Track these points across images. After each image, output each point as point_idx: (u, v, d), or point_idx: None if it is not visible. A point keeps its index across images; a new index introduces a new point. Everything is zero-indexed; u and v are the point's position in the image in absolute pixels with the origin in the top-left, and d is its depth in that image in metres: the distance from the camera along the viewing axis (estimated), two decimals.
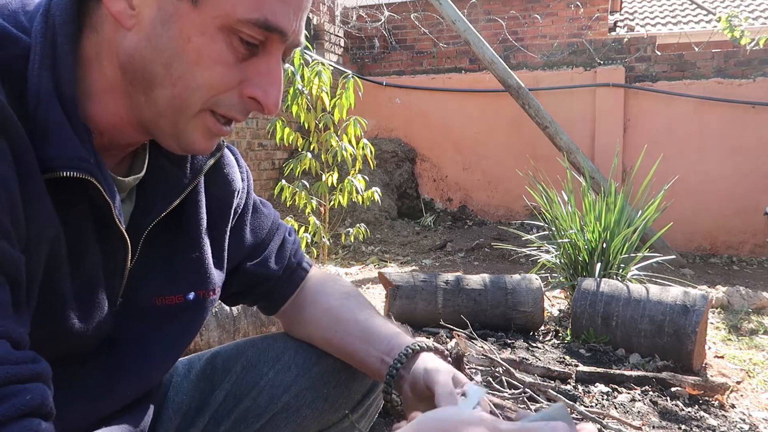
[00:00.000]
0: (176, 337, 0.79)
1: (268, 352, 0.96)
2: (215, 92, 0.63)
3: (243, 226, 0.90)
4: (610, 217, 3.22)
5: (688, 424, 1.97)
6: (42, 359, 0.52)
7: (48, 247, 0.59)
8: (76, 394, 0.68)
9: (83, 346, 0.67)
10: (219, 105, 0.64)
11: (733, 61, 6.11)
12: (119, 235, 0.68)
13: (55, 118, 0.59)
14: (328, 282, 1.00)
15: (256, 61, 0.63)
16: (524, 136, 6.47)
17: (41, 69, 0.59)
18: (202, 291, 0.80)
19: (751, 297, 3.73)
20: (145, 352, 0.75)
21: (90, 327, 0.66)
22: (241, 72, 0.63)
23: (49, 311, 0.60)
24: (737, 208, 6.06)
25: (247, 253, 0.90)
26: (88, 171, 0.60)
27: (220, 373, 0.95)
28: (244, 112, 0.66)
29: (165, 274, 0.76)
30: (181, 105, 0.63)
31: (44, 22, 0.62)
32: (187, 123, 0.64)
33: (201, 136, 0.66)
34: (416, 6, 7.15)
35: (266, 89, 0.64)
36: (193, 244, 0.79)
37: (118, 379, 0.73)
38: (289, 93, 3.71)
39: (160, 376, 0.83)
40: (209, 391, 0.93)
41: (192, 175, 0.76)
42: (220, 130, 0.66)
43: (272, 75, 0.64)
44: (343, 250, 5.65)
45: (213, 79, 0.62)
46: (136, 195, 0.73)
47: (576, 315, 2.74)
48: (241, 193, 0.88)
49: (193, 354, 1.01)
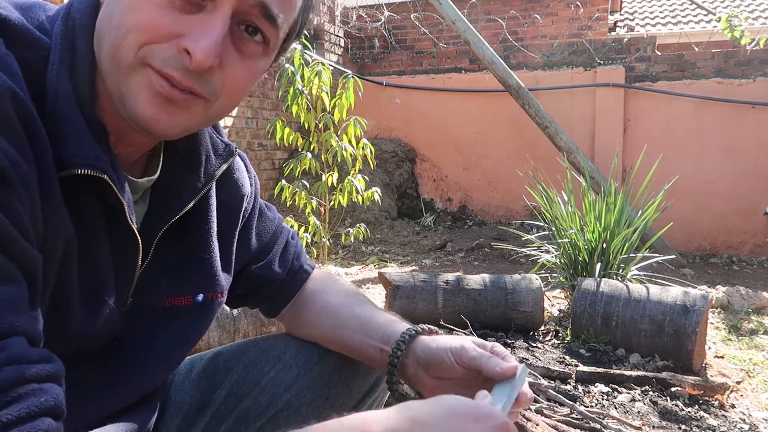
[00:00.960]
0: (183, 337, 0.80)
1: (269, 352, 0.96)
2: (145, 36, 0.59)
3: (249, 230, 0.91)
4: (610, 217, 3.22)
5: (688, 424, 1.97)
6: (56, 358, 0.52)
7: (62, 246, 0.59)
8: (84, 392, 0.69)
9: (91, 345, 0.68)
10: (153, 57, 0.59)
11: (733, 61, 6.10)
12: (131, 235, 0.68)
13: (72, 118, 0.59)
14: (328, 282, 1.01)
15: (201, 17, 0.60)
16: (524, 136, 6.47)
17: (60, 70, 0.60)
18: (210, 293, 0.81)
19: (751, 297, 3.73)
20: (153, 352, 0.76)
21: (98, 326, 0.67)
22: (180, 24, 0.60)
23: (58, 309, 0.61)
24: (737, 208, 6.06)
25: (253, 257, 0.92)
26: (102, 169, 0.61)
27: (221, 372, 0.95)
28: (180, 69, 0.60)
29: (175, 275, 0.77)
30: (115, 55, 0.60)
31: (64, 25, 0.62)
32: (127, 80, 0.61)
33: (145, 97, 0.61)
34: (416, 6, 7.15)
35: (197, 38, 0.59)
36: (203, 246, 0.79)
37: (126, 378, 0.73)
38: (289, 93, 3.71)
39: (166, 375, 0.84)
40: (210, 390, 0.94)
41: (206, 179, 0.77)
42: (164, 88, 0.60)
43: (208, 25, 0.60)
44: (343, 250, 5.65)
45: (140, 19, 0.59)
46: (150, 197, 0.74)
47: (576, 315, 2.74)
48: (249, 198, 0.89)
49: (195, 354, 1.01)
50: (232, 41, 0.63)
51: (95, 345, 0.68)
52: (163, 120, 0.62)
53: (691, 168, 6.05)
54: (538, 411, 1.93)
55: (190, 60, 0.59)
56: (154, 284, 0.74)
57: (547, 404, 2.00)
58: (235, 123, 5.71)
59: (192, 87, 0.61)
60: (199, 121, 0.66)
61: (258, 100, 6.04)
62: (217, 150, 0.80)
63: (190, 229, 0.78)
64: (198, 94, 0.62)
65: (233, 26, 0.62)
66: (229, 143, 0.82)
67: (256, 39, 0.65)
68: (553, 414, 1.93)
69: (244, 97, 0.74)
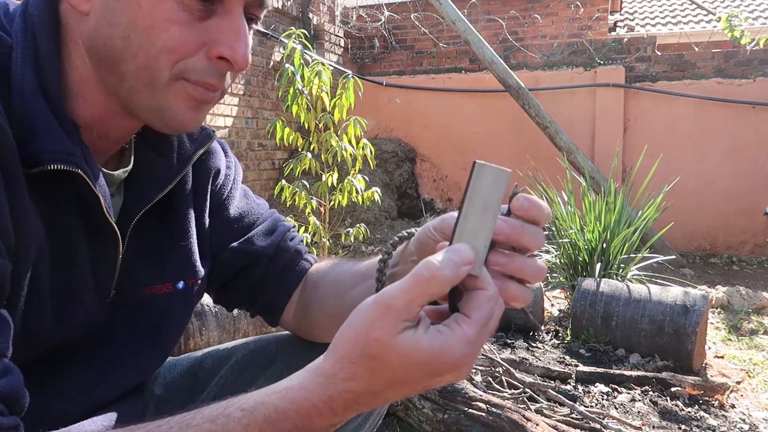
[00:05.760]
0: (167, 326, 0.79)
1: (259, 357, 0.93)
2: (178, 55, 0.60)
3: (226, 206, 0.87)
4: (610, 217, 3.22)
5: (688, 424, 1.97)
6: (12, 371, 0.52)
7: (36, 247, 0.59)
8: (68, 386, 0.68)
9: (70, 338, 0.67)
10: (189, 71, 0.61)
11: (733, 61, 6.10)
12: (110, 228, 0.67)
13: (40, 114, 0.59)
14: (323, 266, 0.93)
15: (216, 20, 0.61)
16: (524, 136, 6.47)
17: (24, 66, 0.60)
18: (191, 280, 0.79)
19: (751, 297, 3.72)
20: (137, 343, 0.75)
21: (78, 322, 0.66)
22: (203, 33, 0.61)
23: (33, 308, 0.60)
24: (737, 208, 6.06)
25: (233, 234, 0.87)
26: (75, 163, 0.60)
27: (208, 373, 0.93)
28: (218, 76, 0.63)
29: (155, 263, 0.76)
30: (148, 76, 0.61)
31: (23, 22, 0.62)
32: (164, 95, 0.62)
33: (184, 106, 0.63)
34: (416, 6, 7.14)
35: (232, 45, 0.61)
36: (181, 233, 0.78)
37: (111, 369, 0.72)
38: (289, 93, 3.71)
39: (154, 366, 0.82)
40: (197, 391, 0.92)
41: (179, 165, 0.76)
42: (203, 94, 0.63)
43: (235, 30, 0.62)
44: (343, 250, 5.65)
45: (171, 40, 0.59)
46: (125, 188, 0.73)
47: (576, 315, 2.73)
48: (223, 179, 0.86)
49: (185, 354, 0.99)
50: None
51: (74, 337, 0.68)
52: (196, 120, 0.66)
53: (691, 168, 6.04)
54: (538, 411, 1.93)
55: (226, 65, 0.63)
56: (134, 274, 0.73)
57: (547, 404, 2.00)
58: (235, 123, 5.70)
59: (222, 87, 0.65)
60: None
61: (258, 100, 6.03)
62: (191, 135, 0.79)
63: (167, 216, 0.77)
64: (222, 90, 0.66)
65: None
66: (206, 127, 0.81)
67: (253, 26, 0.67)
68: (553, 414, 1.93)
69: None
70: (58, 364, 0.67)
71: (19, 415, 0.52)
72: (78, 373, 0.69)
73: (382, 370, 0.48)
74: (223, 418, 0.50)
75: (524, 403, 1.97)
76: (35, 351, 0.63)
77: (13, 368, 0.53)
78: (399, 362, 0.47)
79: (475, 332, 0.48)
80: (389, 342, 0.47)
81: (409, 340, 0.47)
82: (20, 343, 0.56)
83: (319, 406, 0.49)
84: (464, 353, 0.48)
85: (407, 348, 0.47)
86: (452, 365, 0.48)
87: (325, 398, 0.49)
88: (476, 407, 1.71)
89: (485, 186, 0.49)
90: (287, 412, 0.50)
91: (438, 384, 0.50)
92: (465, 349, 0.48)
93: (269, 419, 0.50)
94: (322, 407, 0.49)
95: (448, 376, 0.49)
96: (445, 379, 0.49)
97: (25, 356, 0.58)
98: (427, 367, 0.48)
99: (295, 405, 0.50)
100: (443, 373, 0.48)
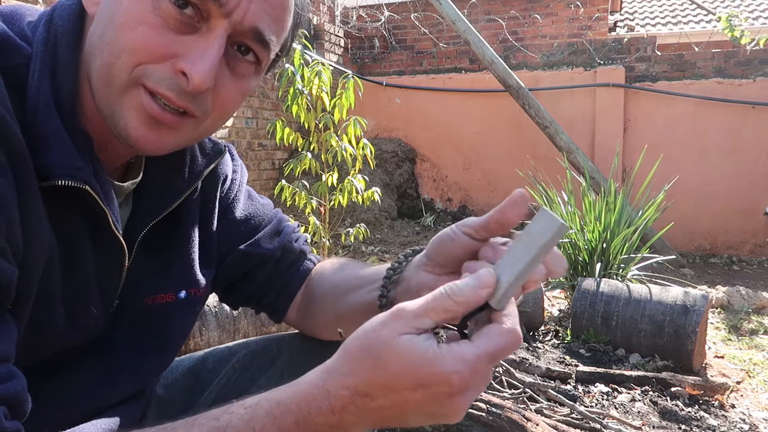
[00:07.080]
0: (169, 335, 0.79)
1: (260, 357, 0.93)
2: (139, 57, 0.58)
3: (233, 210, 0.87)
4: (610, 217, 3.22)
5: (688, 424, 1.97)
6: (15, 376, 0.52)
7: (45, 257, 0.59)
8: (73, 391, 0.68)
9: (74, 345, 0.67)
10: (148, 77, 0.59)
11: (733, 61, 6.10)
12: (116, 241, 0.68)
13: (52, 127, 0.58)
14: (327, 265, 0.94)
15: (195, 38, 0.60)
16: (524, 136, 6.47)
17: (41, 78, 0.59)
18: (192, 290, 0.80)
19: (751, 297, 3.72)
20: (140, 350, 0.75)
21: (82, 330, 0.67)
22: (176, 45, 0.59)
23: (40, 314, 0.60)
24: (737, 208, 6.06)
25: (240, 236, 0.87)
26: (84, 180, 0.60)
27: (210, 373, 0.93)
28: (175, 89, 0.60)
29: (158, 273, 0.76)
30: (107, 75, 0.59)
31: (46, 32, 0.62)
32: (119, 101, 0.60)
33: (136, 118, 0.60)
34: (416, 6, 7.14)
35: (194, 60, 0.59)
36: (185, 243, 0.79)
37: (114, 376, 0.73)
38: (289, 93, 3.71)
39: (156, 373, 0.83)
40: (199, 391, 0.92)
41: (190, 179, 0.76)
42: (155, 110, 0.60)
43: (204, 48, 0.59)
44: (343, 250, 5.65)
45: (135, 40, 0.58)
46: (133, 199, 0.73)
47: (576, 315, 2.73)
48: (229, 183, 0.87)
49: (186, 354, 1.00)
50: (226, 61, 0.63)
51: (80, 346, 0.68)
52: (152, 140, 0.62)
53: (691, 168, 6.05)
54: (538, 411, 1.93)
55: (187, 82, 0.59)
56: (139, 284, 0.74)
57: (547, 404, 2.00)
58: (235, 123, 5.71)
59: (186, 107, 0.61)
60: (189, 139, 0.67)
61: (258, 100, 6.03)
62: (204, 149, 0.79)
63: (173, 228, 0.77)
64: (191, 114, 0.62)
65: (227, 47, 0.62)
66: (218, 142, 0.81)
67: (249, 59, 0.65)
68: (553, 414, 1.93)
69: (233, 114, 0.74)
70: (61, 371, 0.67)
71: (21, 419, 0.52)
72: (81, 379, 0.69)
73: (379, 368, 0.49)
74: (227, 416, 0.52)
75: (524, 403, 1.97)
76: (42, 355, 0.63)
77: (17, 373, 0.53)
78: (395, 363, 0.48)
79: (473, 356, 0.48)
80: (391, 341, 0.48)
81: (408, 342, 0.48)
82: (28, 347, 0.56)
83: (318, 400, 0.50)
84: (455, 369, 0.47)
85: (404, 349, 0.48)
86: (441, 377, 0.47)
87: (324, 391, 0.50)
88: (476, 407, 1.71)
89: (538, 230, 0.50)
90: (289, 405, 0.51)
91: (429, 408, 0.49)
92: (456, 366, 0.47)
93: (271, 413, 0.51)
94: (320, 401, 0.50)
95: (439, 394, 0.48)
96: (436, 396, 0.48)
97: (31, 361, 0.59)
98: (415, 373, 0.48)
99: (296, 398, 0.51)
100: (431, 384, 0.48)
